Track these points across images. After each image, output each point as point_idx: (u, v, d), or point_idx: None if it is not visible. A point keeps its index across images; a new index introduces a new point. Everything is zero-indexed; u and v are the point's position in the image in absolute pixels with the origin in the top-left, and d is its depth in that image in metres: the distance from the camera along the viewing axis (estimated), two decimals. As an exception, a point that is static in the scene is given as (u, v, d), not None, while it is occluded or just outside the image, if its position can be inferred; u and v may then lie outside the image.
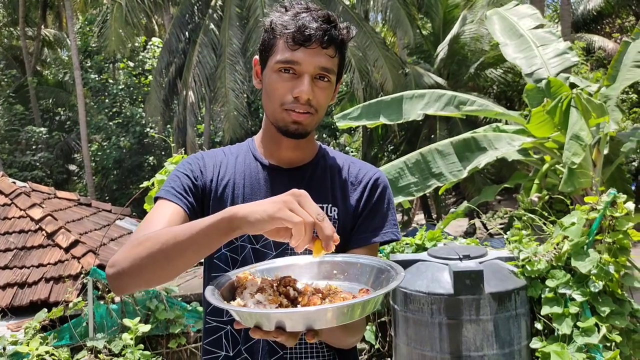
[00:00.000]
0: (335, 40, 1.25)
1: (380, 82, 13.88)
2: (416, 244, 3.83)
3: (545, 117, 5.48)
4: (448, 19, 15.71)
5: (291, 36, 1.21)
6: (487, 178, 12.92)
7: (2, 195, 6.73)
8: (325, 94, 1.27)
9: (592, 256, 2.93)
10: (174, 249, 1.07)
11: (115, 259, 1.15)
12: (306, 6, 1.27)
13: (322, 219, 0.97)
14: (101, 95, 18.25)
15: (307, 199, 0.99)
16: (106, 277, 1.20)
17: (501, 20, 7.16)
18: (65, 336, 3.69)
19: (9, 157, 18.43)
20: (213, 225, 1.03)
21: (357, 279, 1.13)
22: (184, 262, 1.09)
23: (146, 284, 1.18)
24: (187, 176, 1.34)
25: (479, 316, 2.83)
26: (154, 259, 1.09)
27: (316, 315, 0.92)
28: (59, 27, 25.94)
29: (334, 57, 1.26)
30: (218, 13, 14.02)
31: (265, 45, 1.30)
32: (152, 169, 17.47)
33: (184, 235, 1.06)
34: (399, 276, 1.01)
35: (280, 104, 1.25)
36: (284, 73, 1.24)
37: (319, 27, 1.21)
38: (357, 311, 0.94)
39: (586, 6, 20.42)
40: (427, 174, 5.78)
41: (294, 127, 1.26)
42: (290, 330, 0.92)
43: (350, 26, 1.29)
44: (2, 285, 5.44)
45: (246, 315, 0.95)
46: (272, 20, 1.28)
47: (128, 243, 1.16)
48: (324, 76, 1.25)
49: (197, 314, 3.85)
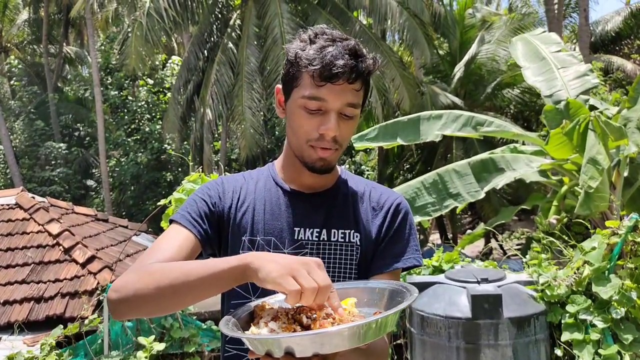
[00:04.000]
0: (362, 74, 1.22)
1: (397, 101, 13.90)
2: (433, 265, 3.78)
3: (564, 139, 5.43)
4: (465, 39, 15.75)
5: (317, 72, 1.19)
6: (503, 199, 12.80)
7: (22, 210, 6.82)
8: (351, 129, 1.27)
9: (614, 282, 2.88)
10: (183, 286, 1.07)
11: (120, 285, 1.13)
12: (332, 38, 1.24)
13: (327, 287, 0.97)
14: (120, 112, 18.50)
15: (315, 268, 0.99)
16: (107, 300, 1.18)
17: (525, 45, 7.16)
18: (81, 353, 3.70)
19: (29, 172, 18.70)
20: (227, 272, 1.04)
21: (375, 304, 1.13)
22: (190, 299, 1.09)
23: (147, 314, 1.18)
24: (204, 202, 1.33)
25: (497, 341, 2.79)
26: (161, 293, 1.08)
27: (323, 339, 0.91)
28: (80, 44, 26.49)
29: (360, 90, 1.24)
30: (236, 32, 14.18)
31: (289, 76, 1.27)
32: (168, 186, 17.61)
33: (196, 274, 1.06)
34: (410, 297, 1.02)
35: (306, 140, 1.25)
36: (309, 109, 1.22)
37: (346, 63, 1.18)
38: (368, 333, 0.94)
39: (605, 27, 20.33)
40: (445, 194, 5.75)
41: (320, 163, 1.26)
42: (299, 356, 0.92)
43: (377, 57, 1.27)
44: (19, 299, 5.49)
45: (256, 343, 0.96)
46: (297, 52, 1.24)
47: (135, 269, 1.15)
48: (350, 111, 1.24)
49: (211, 332, 3.84)
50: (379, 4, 13.53)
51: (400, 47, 17.81)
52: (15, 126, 19.76)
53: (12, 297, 5.50)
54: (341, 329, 0.92)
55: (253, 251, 1.31)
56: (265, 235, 1.32)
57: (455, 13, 16.29)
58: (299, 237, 1.32)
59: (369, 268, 1.32)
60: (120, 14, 17.73)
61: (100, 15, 20.28)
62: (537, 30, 7.73)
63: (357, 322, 0.94)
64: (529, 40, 7.20)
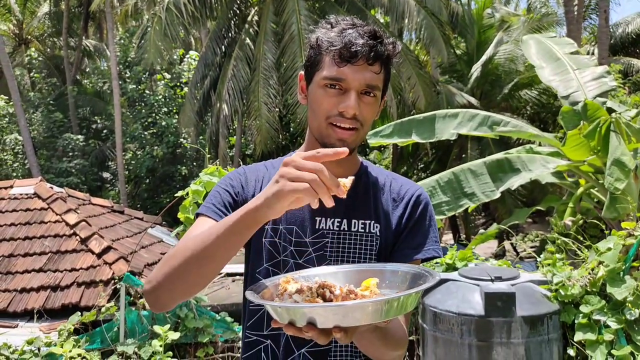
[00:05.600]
0: (381, 56, 1.25)
1: (412, 100, 13.87)
2: (447, 263, 3.79)
3: (582, 140, 5.40)
4: (482, 39, 15.67)
5: (337, 52, 1.22)
6: (517, 199, 12.73)
7: (40, 199, 6.92)
8: (371, 109, 1.28)
9: (629, 283, 2.87)
10: (205, 251, 1.10)
11: (151, 276, 1.19)
12: (352, 22, 1.28)
13: (321, 169, 0.98)
14: (137, 105, 18.65)
15: (299, 161, 1.00)
16: (144, 295, 1.24)
17: (537, 44, 7.11)
18: (97, 340, 3.76)
19: (46, 163, 18.92)
20: (239, 221, 1.06)
21: (397, 287, 1.16)
22: (215, 263, 1.12)
23: (181, 294, 1.20)
24: (227, 192, 1.36)
25: (509, 339, 2.79)
26: (187, 266, 1.12)
27: (346, 311, 0.95)
28: (100, 38, 26.73)
29: (380, 73, 1.27)
30: (254, 28, 14.24)
31: (311, 61, 1.31)
32: (183, 179, 17.73)
33: (212, 236, 1.09)
34: (432, 279, 1.05)
35: (325, 117, 1.26)
36: (330, 88, 1.25)
37: (365, 43, 1.22)
38: (389, 310, 0.97)
39: (625, 29, 20.12)
40: (459, 194, 5.73)
41: (340, 144, 1.25)
42: (321, 327, 0.95)
43: (396, 42, 1.30)
44: (36, 287, 5.58)
45: (280, 311, 0.99)
46: (319, 36, 1.29)
47: (162, 260, 1.20)
48: (370, 92, 1.26)
49: (225, 324, 3.88)
50: (397, 2, 13.51)
51: (417, 46, 17.75)
52: (34, 117, 19.98)
53: (30, 285, 5.60)
54: (364, 303, 0.96)
55: (275, 239, 1.35)
56: (287, 224, 1.35)
57: (474, 13, 16.21)
58: (320, 227, 1.34)
59: (388, 258, 1.34)
60: (139, 9, 17.85)
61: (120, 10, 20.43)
62: (549, 34, 7.68)
63: (379, 298, 0.99)
64: (541, 40, 7.15)
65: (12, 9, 23.20)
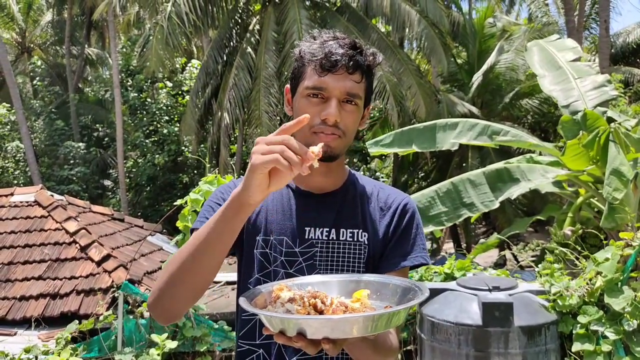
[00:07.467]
0: (361, 66, 1.29)
1: (413, 109, 13.89)
2: (445, 272, 3.79)
3: (581, 150, 5.40)
4: (483, 49, 15.71)
5: (319, 62, 1.27)
6: (518, 209, 12.71)
7: (40, 207, 6.94)
8: (353, 118, 1.32)
9: (627, 293, 2.86)
10: (198, 250, 1.13)
11: (153, 289, 1.22)
12: (333, 35, 1.33)
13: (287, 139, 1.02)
14: (139, 114, 18.70)
15: (268, 137, 1.04)
16: (150, 310, 1.26)
17: (541, 51, 7.11)
18: (95, 348, 3.75)
19: (48, 171, 18.95)
20: (226, 208, 1.10)
21: (388, 299, 1.17)
22: (213, 259, 1.15)
23: (184, 301, 1.21)
24: (219, 205, 1.37)
25: (507, 349, 2.78)
26: (184, 265, 1.15)
27: (334, 324, 0.97)
28: (102, 46, 26.86)
29: (360, 82, 1.30)
30: (255, 37, 14.29)
31: (295, 73, 1.35)
32: (184, 187, 17.74)
33: (204, 234, 1.13)
34: (421, 294, 1.07)
35: (309, 127, 1.28)
36: (312, 98, 1.29)
37: (345, 53, 1.27)
38: (376, 324, 0.99)
39: (626, 39, 20.18)
40: (458, 204, 5.72)
41: (323, 149, 1.29)
42: (310, 337, 0.98)
43: (377, 53, 1.34)
44: (35, 295, 5.58)
45: (272, 320, 1.02)
46: (302, 49, 1.34)
47: (160, 271, 1.23)
48: (351, 100, 1.29)
49: (223, 332, 3.87)
50: (398, 12, 13.55)
51: (418, 55, 17.81)
52: (35, 125, 20.05)
53: (29, 293, 5.61)
54: (353, 317, 0.98)
55: (267, 250, 1.36)
56: (278, 235, 1.37)
57: (475, 22, 16.26)
58: (309, 237, 1.37)
59: (377, 266, 1.37)
60: (141, 17, 17.95)
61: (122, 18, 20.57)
62: (552, 37, 7.67)
63: (368, 314, 1.01)
64: (544, 47, 7.15)
65: (15, 18, 23.35)
